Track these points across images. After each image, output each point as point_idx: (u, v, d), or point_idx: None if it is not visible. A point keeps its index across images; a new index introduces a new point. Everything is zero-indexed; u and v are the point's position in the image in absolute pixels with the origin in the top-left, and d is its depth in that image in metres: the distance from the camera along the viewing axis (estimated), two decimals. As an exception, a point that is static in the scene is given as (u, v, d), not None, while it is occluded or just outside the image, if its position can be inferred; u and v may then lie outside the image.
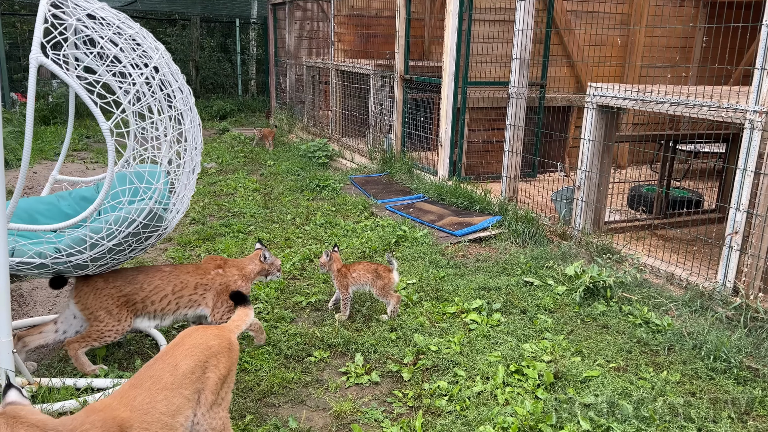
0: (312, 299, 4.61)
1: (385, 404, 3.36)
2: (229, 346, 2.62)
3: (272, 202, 7.28)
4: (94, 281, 3.48)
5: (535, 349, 3.86)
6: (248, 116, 14.87)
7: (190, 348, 2.48)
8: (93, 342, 3.47)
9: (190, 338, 2.55)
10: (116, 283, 3.50)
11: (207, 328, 2.69)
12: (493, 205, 6.62)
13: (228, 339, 2.65)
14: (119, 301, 3.48)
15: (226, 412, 2.56)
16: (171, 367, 2.39)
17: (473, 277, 5.06)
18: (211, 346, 2.54)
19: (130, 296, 3.51)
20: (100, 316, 3.45)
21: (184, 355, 2.44)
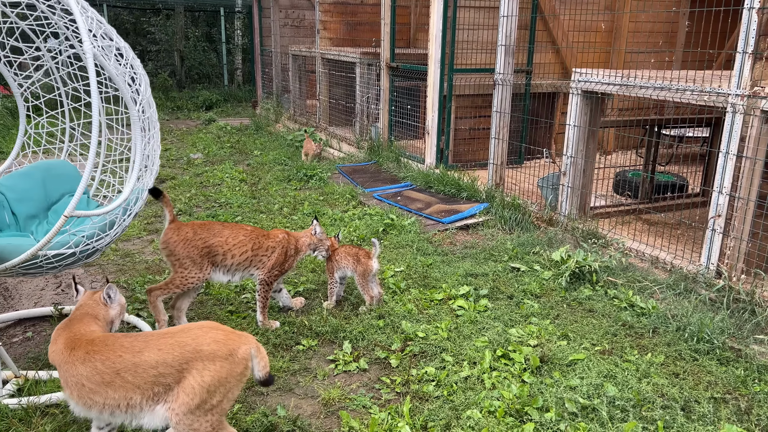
0: (300, 288, 4.62)
1: (373, 391, 3.38)
2: (228, 356, 2.45)
3: (259, 192, 7.26)
4: (184, 231, 3.79)
5: (522, 334, 3.89)
6: (234, 106, 14.77)
7: (172, 345, 2.42)
8: (175, 289, 3.78)
9: (182, 333, 2.48)
10: (203, 234, 3.82)
11: (216, 330, 2.52)
12: (480, 192, 6.63)
13: (230, 349, 2.47)
14: (203, 252, 3.78)
15: (219, 416, 2.46)
16: (132, 351, 2.40)
17: (460, 264, 5.08)
18: (201, 351, 2.42)
19: (214, 248, 3.82)
20: (186, 264, 3.76)
21: (158, 347, 2.41)
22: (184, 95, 15.15)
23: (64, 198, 4.13)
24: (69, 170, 4.24)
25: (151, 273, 4.92)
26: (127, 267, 5.05)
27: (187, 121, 12.85)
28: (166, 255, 3.81)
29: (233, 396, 2.50)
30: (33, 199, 4.00)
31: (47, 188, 4.08)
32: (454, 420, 3.04)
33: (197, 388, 2.38)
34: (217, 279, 3.93)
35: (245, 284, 4.67)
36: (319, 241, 4.20)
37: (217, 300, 4.43)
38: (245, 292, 4.57)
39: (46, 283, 4.69)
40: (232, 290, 4.59)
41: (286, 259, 4.06)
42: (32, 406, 3.01)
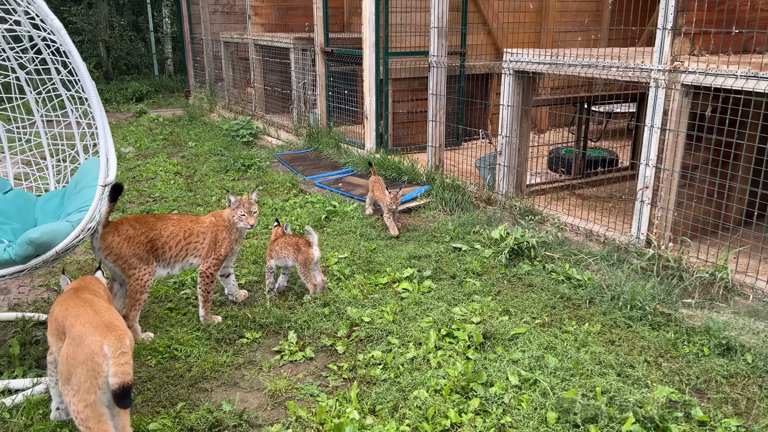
0: (242, 280, 4.53)
1: (320, 379, 3.37)
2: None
3: (195, 184, 7.06)
4: (124, 230, 3.62)
5: (465, 312, 3.96)
6: (166, 97, 14.28)
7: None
8: (140, 296, 3.65)
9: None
10: (142, 229, 3.67)
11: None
12: (421, 175, 6.68)
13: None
14: (147, 246, 3.67)
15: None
16: None
17: (404, 247, 5.11)
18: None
19: (154, 241, 3.70)
20: (134, 263, 3.61)
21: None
22: (112, 87, 14.51)
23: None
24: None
25: (84, 273, 4.71)
26: (57, 269, 4.82)
27: (117, 114, 12.34)
28: (112, 261, 3.58)
29: None
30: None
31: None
32: (401, 401, 3.07)
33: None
34: (157, 274, 3.78)
35: (184, 280, 4.55)
36: (233, 211, 3.89)
37: (156, 298, 4.29)
38: (184, 288, 4.45)
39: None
40: (171, 287, 4.46)
41: (219, 241, 3.90)
42: (-43, 422, 2.85)
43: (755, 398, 3.11)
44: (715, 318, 3.75)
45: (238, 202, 3.91)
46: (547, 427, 2.84)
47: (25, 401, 3.00)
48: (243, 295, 4.23)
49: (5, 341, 3.66)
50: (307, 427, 2.90)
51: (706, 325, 3.69)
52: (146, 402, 3.11)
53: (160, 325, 3.89)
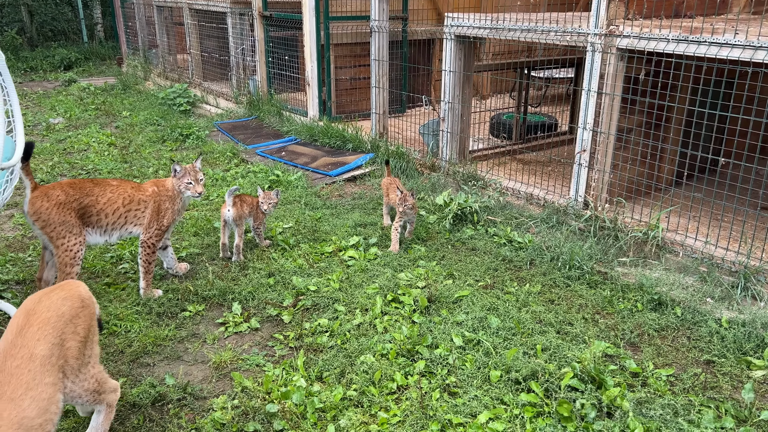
0: (183, 253, 4.41)
1: (266, 349, 3.34)
2: (81, 303, 2.39)
3: (131, 155, 6.79)
4: (55, 195, 3.42)
5: (411, 277, 3.99)
6: (97, 64, 13.58)
7: (41, 326, 2.21)
8: (70, 269, 3.46)
9: (37, 314, 2.24)
10: (76, 195, 3.48)
11: (51, 293, 2.37)
12: (365, 143, 6.63)
13: (78, 295, 2.41)
14: (78, 213, 3.48)
15: (97, 367, 2.43)
16: (27, 361, 2.10)
17: (349, 215, 5.09)
18: (64, 313, 2.30)
19: (88, 208, 3.52)
20: (62, 232, 3.43)
21: (37, 338, 2.17)
22: (37, 54, 13.68)
23: None
24: None
25: (13, 251, 4.49)
26: (-18, 246, 4.57)
27: (44, 82, 11.66)
28: (39, 227, 3.41)
29: (96, 338, 2.46)
30: None
31: None
32: (348, 367, 3.08)
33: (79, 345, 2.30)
34: (93, 241, 3.63)
35: (122, 254, 4.39)
36: (179, 180, 3.79)
37: (92, 273, 4.13)
38: (123, 262, 4.30)
39: None
40: (108, 261, 4.30)
41: (162, 211, 3.79)
42: None
43: (684, 349, 3.29)
44: (648, 275, 3.92)
45: (184, 170, 3.79)
46: (490, 385, 2.92)
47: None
48: (184, 268, 4.13)
49: (-73, 324, 3.46)
50: (253, 397, 2.88)
51: (639, 282, 3.85)
52: (84, 380, 3.01)
53: (97, 300, 3.74)
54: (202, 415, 2.79)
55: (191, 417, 2.78)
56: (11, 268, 4.19)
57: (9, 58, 13.11)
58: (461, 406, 2.77)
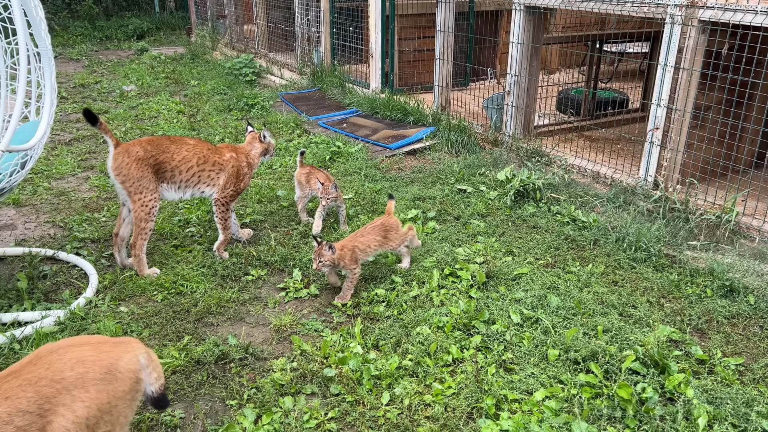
0: (246, 219, 4.53)
1: (324, 315, 3.40)
2: (107, 375, 1.92)
3: (198, 123, 6.98)
4: (134, 151, 3.60)
5: (469, 252, 3.96)
6: (168, 34, 13.96)
7: (21, 386, 1.82)
8: (146, 224, 3.65)
9: (34, 366, 1.88)
10: (153, 151, 3.65)
11: (74, 348, 1.95)
12: (427, 116, 6.57)
13: (107, 365, 1.93)
14: (154, 169, 3.65)
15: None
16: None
17: (408, 189, 5.08)
18: (63, 380, 1.85)
19: (163, 164, 3.69)
20: (140, 187, 3.61)
21: (5, 396, 1.80)
22: (112, 24, 14.17)
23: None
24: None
25: (89, 210, 4.73)
26: (62, 206, 4.83)
27: (118, 51, 12.09)
28: (120, 182, 3.61)
29: (127, 419, 2.00)
30: None
31: None
32: (404, 337, 3.11)
33: (72, 428, 1.84)
34: (168, 196, 3.81)
35: (189, 218, 4.55)
36: (269, 144, 4.17)
37: (161, 235, 4.31)
38: (189, 226, 4.46)
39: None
40: (176, 224, 4.47)
41: (241, 177, 3.98)
42: (-31, 352, 2.91)
43: (756, 338, 3.14)
44: (719, 260, 3.75)
45: (271, 137, 4.20)
46: (547, 363, 2.88)
47: (34, 333, 3.04)
48: (247, 234, 4.24)
49: (13, 275, 3.70)
50: (311, 361, 2.95)
51: (710, 267, 3.69)
52: (153, 335, 3.16)
53: (165, 261, 3.92)
54: (262, 375, 2.88)
55: (252, 376, 2.88)
56: (87, 227, 4.42)
57: (86, 27, 13.66)
58: (517, 383, 2.75)
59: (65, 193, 5.08)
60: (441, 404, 2.64)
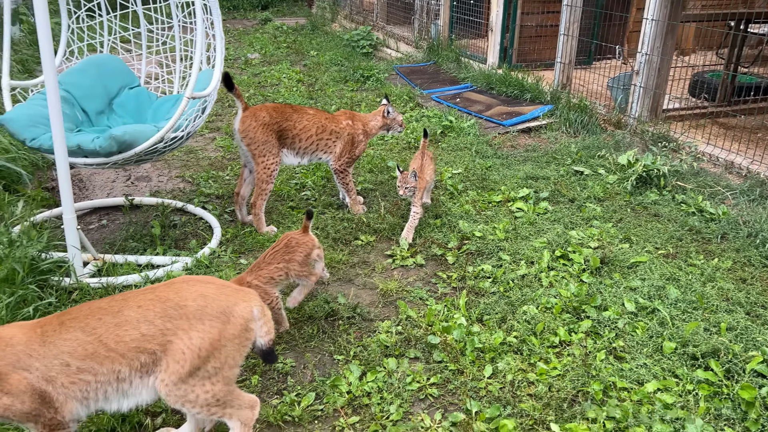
0: (358, 187, 4.64)
1: (429, 285, 3.44)
2: (220, 316, 2.04)
3: (316, 93, 7.19)
4: (261, 116, 3.81)
5: (582, 236, 3.83)
6: (290, 5, 14.42)
7: (153, 300, 2.03)
8: (266, 185, 3.86)
9: (167, 288, 2.08)
10: (278, 118, 3.85)
11: (202, 284, 2.12)
12: (545, 94, 6.36)
13: (223, 306, 2.05)
14: (278, 135, 3.86)
15: (223, 385, 2.08)
16: (111, 312, 2.00)
17: (521, 167, 4.97)
18: (186, 307, 2.02)
19: (285, 131, 3.88)
20: (264, 150, 3.82)
21: (138, 304, 2.01)
22: (239, -6, 14.83)
23: (123, 91, 4.21)
24: (118, 64, 4.29)
25: (215, 169, 5.04)
26: (191, 163, 5.19)
27: (244, 20, 12.67)
28: (246, 144, 3.81)
29: (235, 362, 2.10)
30: (97, 95, 4.08)
31: (105, 83, 4.13)
32: (509, 314, 3.08)
33: (187, 353, 1.99)
34: (288, 162, 4.00)
35: (305, 182, 4.73)
36: (393, 120, 4.22)
37: (279, 196, 4.52)
38: (305, 189, 4.64)
39: (116, 176, 4.89)
40: (293, 187, 4.67)
41: (355, 145, 4.09)
42: (111, 286, 3.23)
43: None
44: None
45: (397, 113, 4.24)
46: (661, 355, 2.75)
47: (165, 276, 3.32)
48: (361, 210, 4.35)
49: (148, 222, 4.05)
50: (415, 327, 3.00)
51: None
52: (269, 288, 3.34)
53: (282, 221, 4.12)
54: (368, 334, 2.98)
55: (359, 335, 2.98)
56: (212, 184, 4.72)
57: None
58: (627, 372, 2.65)
59: (194, 151, 5.45)
60: (545, 384, 2.60)
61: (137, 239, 3.80)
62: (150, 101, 4.21)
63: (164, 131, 3.45)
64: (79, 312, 2.01)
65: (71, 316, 1.99)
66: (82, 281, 3.18)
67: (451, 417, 2.44)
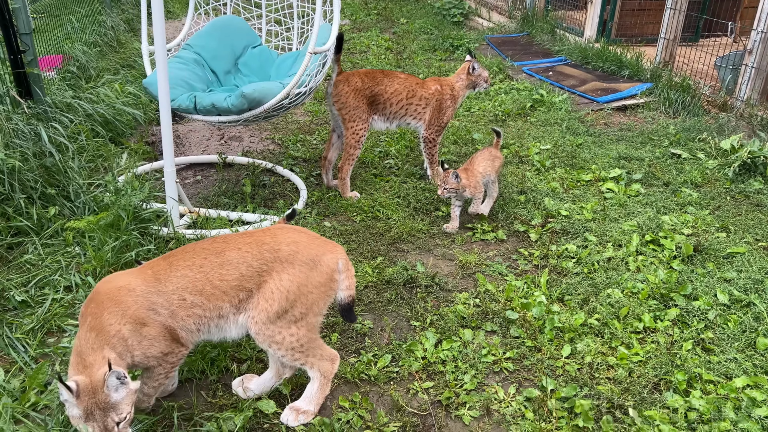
0: (442, 158, 4.62)
1: (509, 261, 3.41)
2: (309, 263, 2.15)
3: (404, 61, 7.16)
4: (353, 81, 3.86)
5: (675, 222, 3.66)
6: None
7: (251, 242, 2.16)
8: (354, 150, 3.92)
9: (263, 233, 2.21)
10: (369, 83, 3.89)
11: (295, 232, 2.25)
12: (645, 71, 6.04)
13: (313, 255, 2.17)
14: (369, 101, 3.89)
15: (307, 331, 2.19)
16: (213, 252, 2.14)
17: (614, 146, 4.77)
18: (279, 251, 2.14)
19: (376, 96, 3.91)
20: (354, 116, 3.87)
21: (238, 246, 2.14)
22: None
23: (247, 51, 4.41)
24: (241, 24, 4.46)
25: (303, 133, 5.17)
26: (281, 125, 5.34)
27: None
28: (337, 109, 3.88)
29: (319, 309, 2.21)
30: (224, 56, 4.28)
31: (231, 44, 4.32)
32: (592, 296, 3.01)
33: (276, 293, 2.11)
34: (377, 126, 4.04)
35: (389, 150, 4.77)
36: (478, 77, 4.13)
37: (363, 163, 4.58)
38: (388, 158, 4.68)
39: (211, 134, 5.12)
40: (377, 155, 4.71)
41: (443, 110, 4.05)
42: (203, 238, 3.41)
43: None
44: None
45: (483, 69, 4.12)
46: (754, 351, 2.61)
47: (254, 232, 3.47)
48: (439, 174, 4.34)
49: (239, 180, 4.22)
50: (493, 301, 3.00)
51: None
52: (350, 251, 3.43)
53: (365, 187, 4.18)
54: (445, 304, 3.00)
55: (436, 303, 3.01)
56: (300, 148, 4.84)
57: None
58: (715, 364, 2.54)
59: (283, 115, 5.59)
60: (625, 368, 2.54)
61: (229, 196, 3.99)
62: (272, 59, 4.37)
63: (290, 87, 3.55)
64: (184, 253, 2.15)
65: (177, 257, 2.14)
66: (178, 231, 3.37)
67: (526, 392, 2.44)
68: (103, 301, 1.99)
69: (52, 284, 2.95)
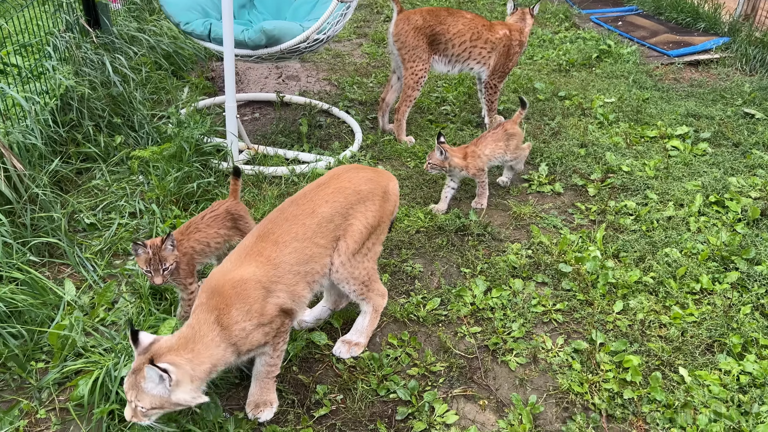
0: (501, 107, 4.52)
1: (565, 214, 3.36)
2: (383, 194, 2.29)
3: (465, 3, 6.93)
4: (414, 20, 3.74)
5: (743, 185, 3.50)
6: None
7: (334, 192, 2.19)
8: (413, 92, 3.84)
9: (338, 180, 2.25)
10: (431, 21, 3.75)
11: (361, 170, 2.34)
12: (723, 24, 5.68)
13: (384, 186, 2.31)
14: (429, 40, 3.77)
15: (373, 263, 2.33)
16: (307, 214, 2.13)
17: (682, 103, 4.56)
18: (361, 191, 2.23)
19: (438, 36, 3.78)
20: (413, 56, 3.77)
21: (325, 200, 2.17)
22: None
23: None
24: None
25: (360, 75, 5.12)
26: (338, 67, 5.30)
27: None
28: (397, 48, 3.79)
29: (382, 238, 2.35)
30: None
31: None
32: (649, 254, 2.94)
33: (362, 231, 2.21)
34: (437, 69, 3.94)
35: (446, 96, 4.68)
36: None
37: (419, 108, 4.53)
38: (445, 104, 4.60)
39: (269, 72, 5.13)
40: (433, 101, 4.64)
41: (510, 57, 3.93)
42: (261, 175, 3.48)
43: None
44: None
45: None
46: (818, 322, 2.53)
47: (309, 171, 3.51)
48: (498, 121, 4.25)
49: (296, 120, 4.24)
50: (546, 253, 2.97)
51: None
52: (403, 196, 3.44)
53: (420, 133, 4.14)
54: (497, 253, 3.00)
55: (487, 252, 3.01)
56: (357, 90, 4.81)
57: None
58: (774, 331, 2.48)
59: (341, 55, 5.54)
60: (678, 328, 2.51)
61: (286, 135, 4.02)
62: (290, 1, 4.29)
63: (311, 31, 3.48)
64: (280, 227, 2.09)
65: (276, 233, 2.07)
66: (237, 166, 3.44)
67: (574, 344, 2.44)
68: (231, 295, 1.93)
69: (118, 210, 3.09)
